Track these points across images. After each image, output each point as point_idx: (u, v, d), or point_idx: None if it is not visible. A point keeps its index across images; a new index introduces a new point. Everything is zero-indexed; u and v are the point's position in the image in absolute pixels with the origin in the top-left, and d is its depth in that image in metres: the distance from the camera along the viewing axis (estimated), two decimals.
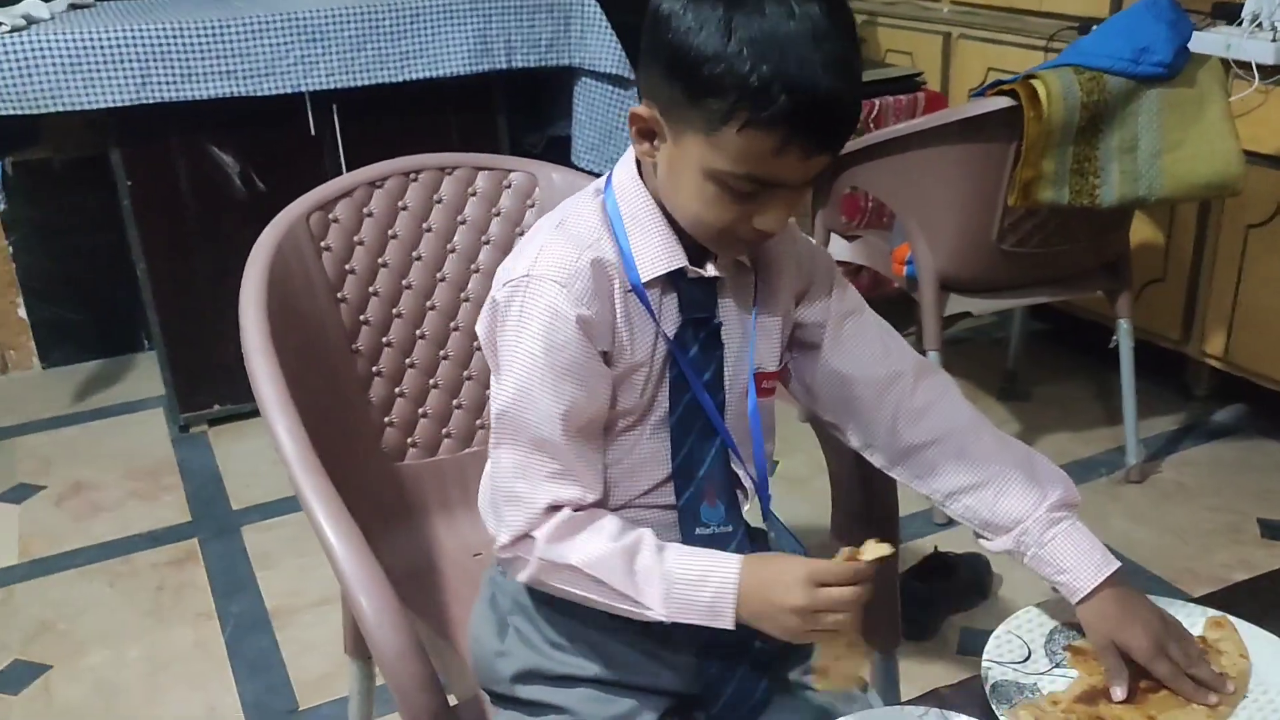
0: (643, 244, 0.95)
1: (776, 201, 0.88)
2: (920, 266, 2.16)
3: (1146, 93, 1.90)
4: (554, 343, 0.91)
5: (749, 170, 0.85)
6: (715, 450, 0.99)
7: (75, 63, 2.29)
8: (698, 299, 0.97)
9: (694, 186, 0.89)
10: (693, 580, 0.90)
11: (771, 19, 0.81)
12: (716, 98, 0.83)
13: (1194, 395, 2.70)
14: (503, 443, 0.95)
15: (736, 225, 0.90)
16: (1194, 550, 2.16)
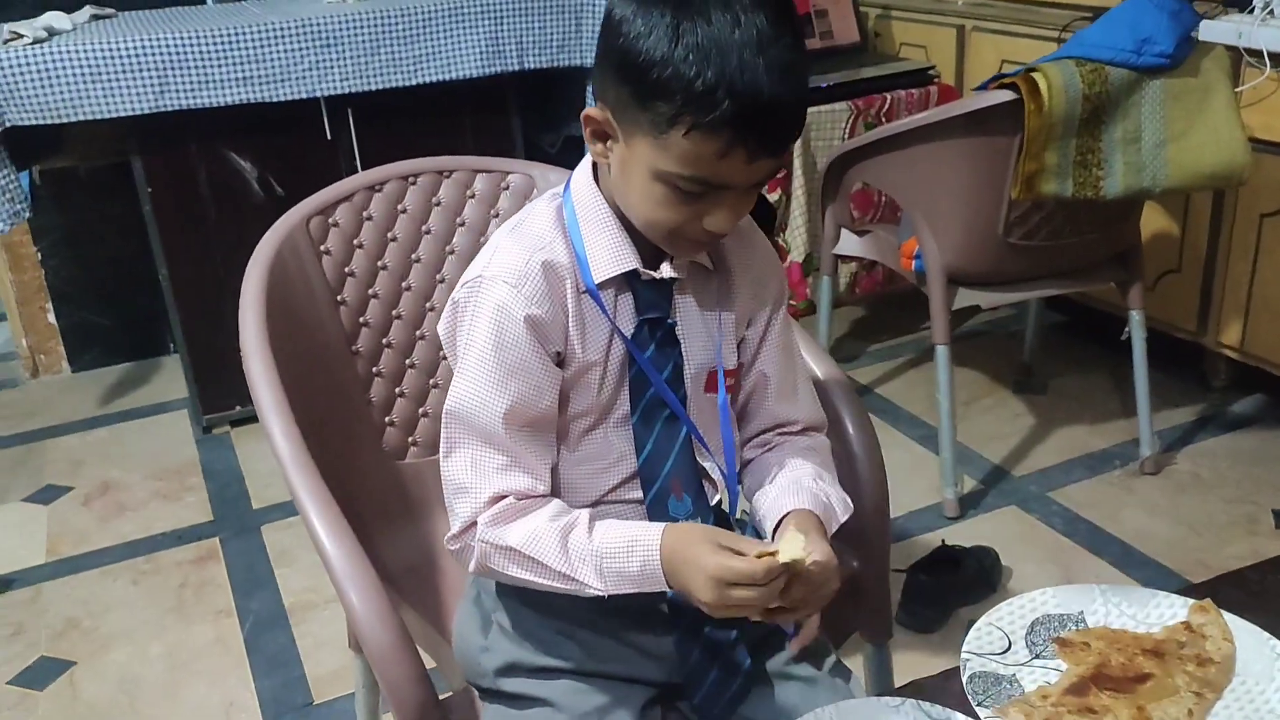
0: (596, 246, 0.97)
1: (724, 203, 0.91)
2: (928, 260, 2.16)
3: (1149, 83, 1.89)
4: (503, 341, 0.94)
5: (695, 173, 0.88)
6: (680, 444, 1.01)
7: (96, 73, 2.34)
8: (651, 299, 0.99)
9: (644, 187, 0.91)
10: (619, 551, 0.92)
11: (717, 26, 0.83)
12: (663, 101, 0.85)
13: (1212, 386, 2.68)
14: (454, 439, 0.98)
15: (686, 226, 0.92)
16: (1207, 542, 2.14)
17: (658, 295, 0.99)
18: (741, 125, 0.84)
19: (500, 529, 0.95)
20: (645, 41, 0.85)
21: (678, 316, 1.01)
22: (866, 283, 2.98)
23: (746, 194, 0.92)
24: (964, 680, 0.98)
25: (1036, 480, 2.39)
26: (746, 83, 0.83)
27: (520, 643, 1.04)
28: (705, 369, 1.03)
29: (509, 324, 0.94)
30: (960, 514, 2.26)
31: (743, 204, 0.92)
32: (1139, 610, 1.07)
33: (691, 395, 1.03)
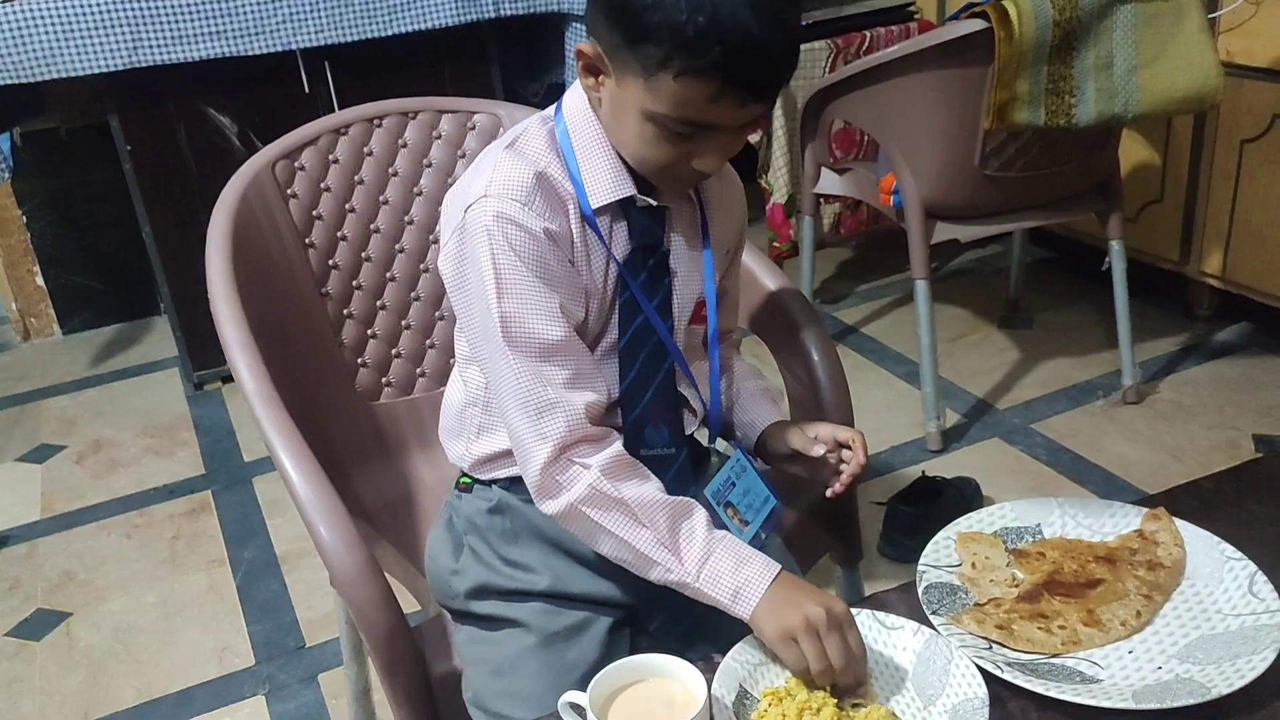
0: (592, 172, 0.98)
1: (714, 144, 0.92)
2: (905, 195, 2.16)
3: (1120, 8, 1.88)
4: (529, 255, 0.94)
5: (684, 115, 0.88)
6: (664, 374, 1.02)
7: (68, 29, 2.33)
8: (647, 227, 1.00)
9: (634, 126, 0.92)
10: (733, 559, 0.93)
11: None
12: (653, 45, 0.85)
13: (1196, 315, 2.69)
14: (504, 366, 0.94)
15: (676, 165, 0.93)
16: (1189, 468, 2.16)
17: (652, 223, 1.00)
18: (732, 70, 0.85)
19: (616, 481, 0.94)
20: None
21: (669, 246, 1.03)
22: (851, 223, 2.98)
23: (736, 135, 0.93)
24: (919, 591, 1.00)
25: (1020, 413, 2.41)
26: (737, 27, 0.83)
27: (490, 566, 1.06)
28: (692, 300, 1.05)
29: (530, 240, 0.93)
30: (944, 447, 2.28)
31: (733, 145, 0.94)
32: (1095, 520, 1.09)
33: (686, 326, 1.05)
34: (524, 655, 1.02)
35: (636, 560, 0.95)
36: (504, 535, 1.07)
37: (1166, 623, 0.96)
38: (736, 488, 1.10)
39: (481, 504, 1.08)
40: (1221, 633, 0.93)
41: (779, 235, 2.84)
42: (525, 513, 1.05)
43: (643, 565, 0.95)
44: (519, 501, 1.06)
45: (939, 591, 1.00)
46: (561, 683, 0.98)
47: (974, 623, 0.96)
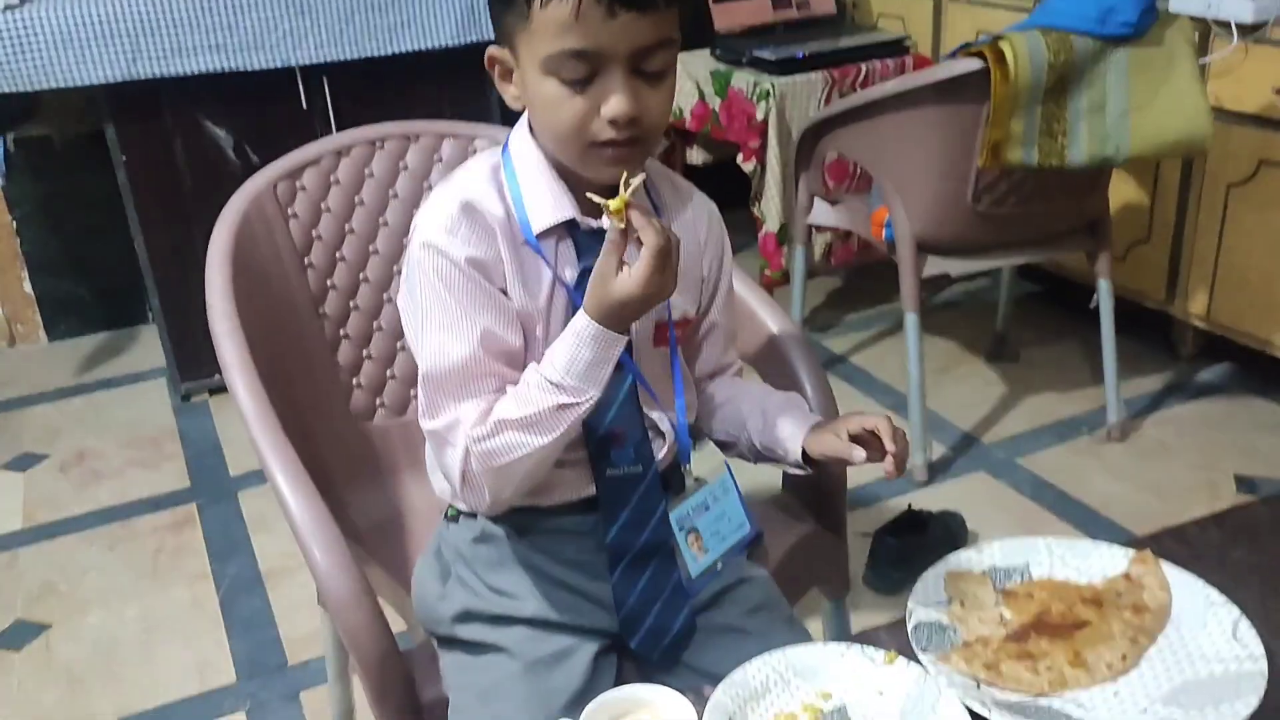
0: (534, 196, 0.99)
1: (613, 84, 0.91)
2: (898, 229, 2.18)
3: (1114, 53, 1.91)
4: (451, 285, 0.96)
5: (564, 45, 0.89)
6: (625, 393, 1.02)
7: (68, 39, 2.34)
8: (591, 248, 0.99)
9: (539, 92, 0.93)
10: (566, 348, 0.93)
11: None
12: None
13: (1180, 355, 2.71)
14: (434, 400, 0.97)
15: (589, 122, 0.92)
16: (1171, 507, 2.18)
17: (597, 244, 0.99)
18: None
19: (484, 422, 0.95)
20: None
21: None
22: (842, 253, 3.00)
23: (637, 75, 0.91)
24: (909, 629, 1.01)
25: (1006, 447, 2.42)
26: None
27: (476, 592, 1.07)
28: (652, 320, 1.05)
29: (452, 269, 0.96)
30: (930, 479, 2.29)
31: (637, 87, 0.91)
32: (1082, 562, 1.10)
33: (640, 347, 1.04)
34: (509, 681, 1.03)
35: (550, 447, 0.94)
36: (489, 563, 1.07)
37: (1152, 666, 0.97)
38: (710, 512, 1.10)
39: (467, 533, 1.08)
40: (1205, 678, 0.94)
41: (770, 263, 2.86)
42: (510, 542, 1.06)
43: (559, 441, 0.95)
44: (503, 531, 1.06)
45: (928, 629, 1.01)
46: (547, 709, 0.98)
47: (962, 661, 0.97)
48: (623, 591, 1.05)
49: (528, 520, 1.05)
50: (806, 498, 1.35)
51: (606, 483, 1.03)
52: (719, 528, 1.10)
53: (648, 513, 1.04)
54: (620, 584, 1.05)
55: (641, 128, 0.93)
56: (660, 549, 1.05)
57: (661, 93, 0.94)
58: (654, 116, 0.94)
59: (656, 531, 1.05)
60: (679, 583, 1.06)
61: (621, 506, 1.04)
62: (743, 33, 2.99)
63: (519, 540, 1.06)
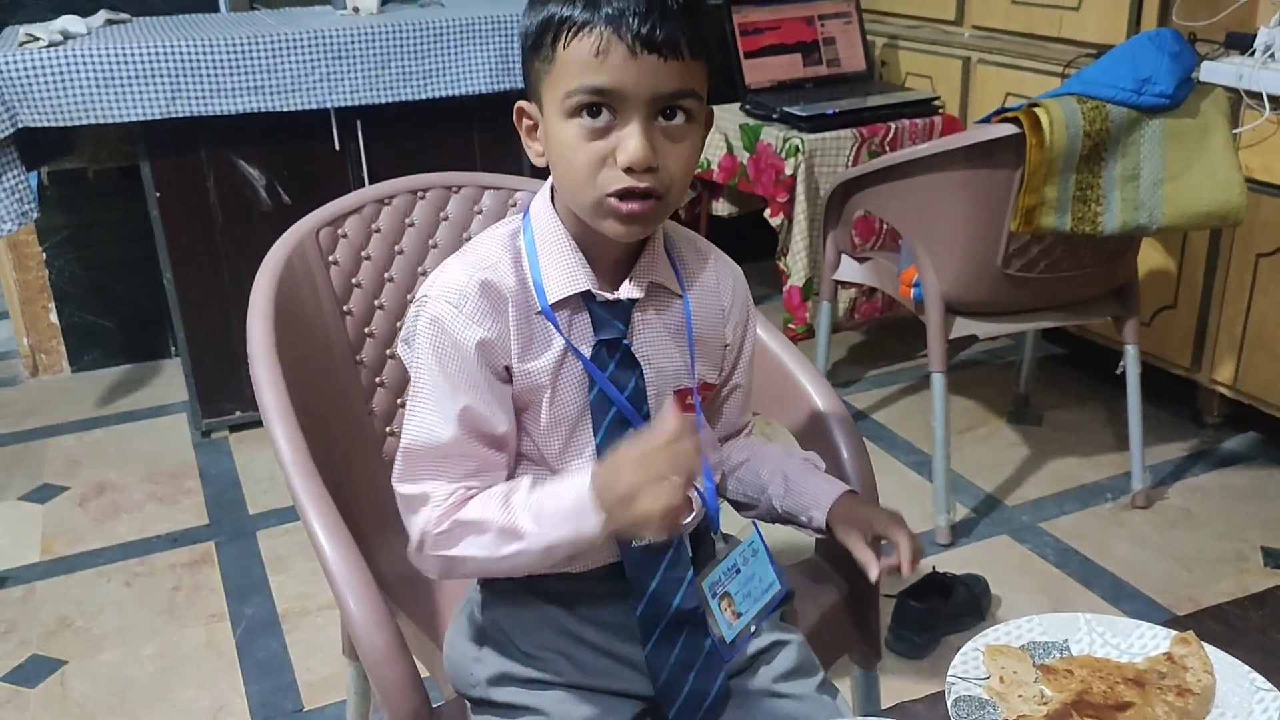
0: (550, 267, 0.98)
1: (630, 128, 0.90)
2: (926, 289, 2.19)
3: (1149, 122, 1.92)
4: (445, 361, 0.96)
5: (585, 81, 0.89)
6: None
7: (109, 77, 2.37)
8: (606, 320, 1.00)
9: (560, 138, 0.92)
10: (555, 493, 0.93)
11: None
12: (548, 33, 0.90)
13: (1205, 423, 2.70)
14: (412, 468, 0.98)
15: (603, 170, 0.91)
16: (1197, 578, 2.16)
17: (613, 316, 1.00)
18: (611, 17, 0.88)
19: (451, 515, 0.96)
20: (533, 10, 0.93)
21: (636, 337, 1.02)
22: (866, 309, 3.01)
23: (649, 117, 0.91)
24: (949, 704, 0.99)
25: (1029, 510, 2.40)
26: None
27: (511, 655, 1.06)
28: (673, 388, 1.04)
29: (451, 345, 0.96)
30: (952, 541, 2.28)
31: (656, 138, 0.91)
32: (1122, 640, 1.09)
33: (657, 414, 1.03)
34: None
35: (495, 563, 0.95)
36: (524, 628, 1.06)
37: None
38: (740, 574, 1.09)
39: (501, 599, 1.08)
40: None
41: (795, 317, 2.86)
42: (543, 607, 1.06)
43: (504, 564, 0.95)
44: (536, 597, 1.06)
45: (968, 705, 1.00)
46: None
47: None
48: (657, 661, 1.03)
49: (560, 586, 1.05)
50: (839, 563, 1.34)
51: (631, 553, 1.02)
52: (750, 589, 1.10)
53: (676, 581, 1.04)
54: (654, 654, 1.03)
55: (658, 181, 0.91)
56: (691, 616, 1.04)
57: (682, 150, 0.93)
58: (672, 172, 0.92)
59: (686, 599, 1.04)
60: (713, 648, 1.05)
61: (649, 577, 1.03)
62: (773, 87, 3.02)
63: (552, 605, 1.05)
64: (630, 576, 1.03)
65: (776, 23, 3.06)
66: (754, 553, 1.12)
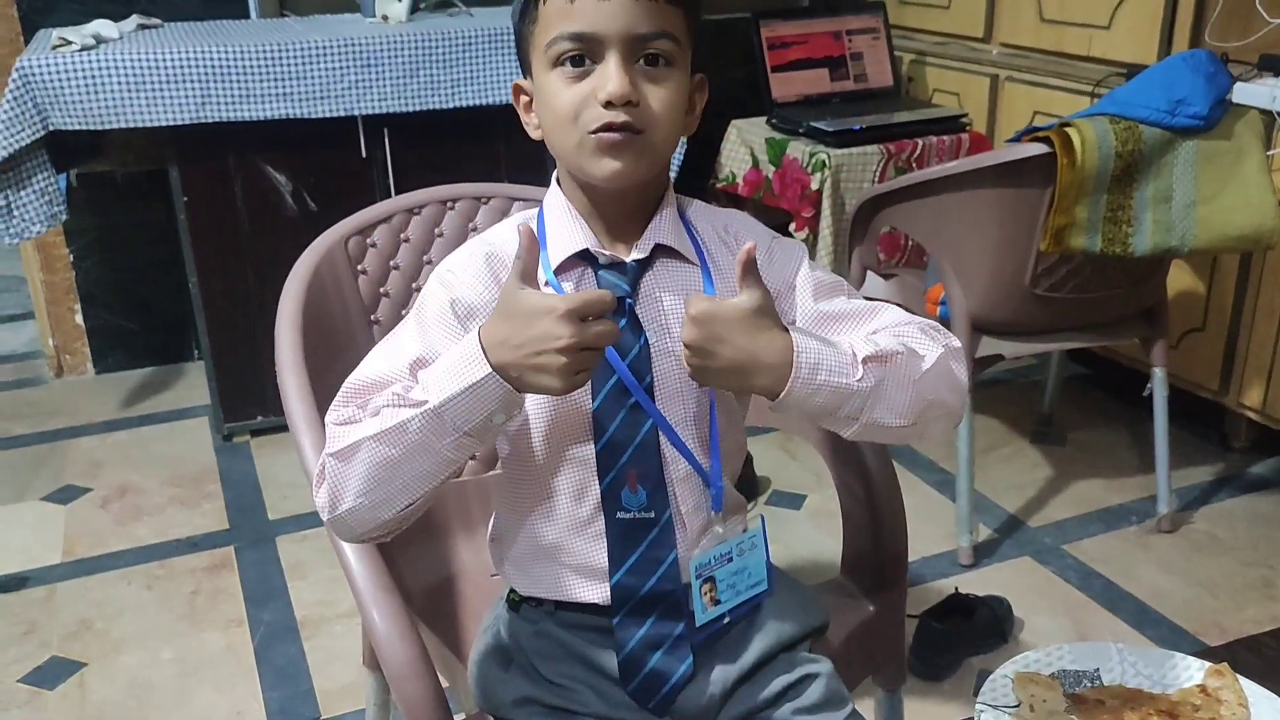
0: (553, 235, 1.02)
1: (607, 67, 0.93)
2: (953, 308, 2.17)
3: (1182, 144, 1.90)
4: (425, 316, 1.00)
5: (562, 27, 0.92)
6: (643, 434, 0.99)
7: (140, 82, 2.38)
8: (610, 281, 1.00)
9: (546, 90, 0.95)
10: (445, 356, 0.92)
11: None
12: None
13: (1232, 447, 2.67)
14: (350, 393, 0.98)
15: (585, 110, 0.94)
16: (1223, 604, 2.13)
17: (617, 277, 1.00)
18: None
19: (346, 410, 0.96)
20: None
21: (643, 301, 1.01)
22: None
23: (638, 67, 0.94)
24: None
25: (1052, 532, 2.38)
26: None
27: (536, 681, 1.05)
28: None
29: (433, 302, 0.99)
30: (974, 562, 2.26)
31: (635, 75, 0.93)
32: (1155, 671, 1.08)
33: (682, 385, 1.01)
34: None
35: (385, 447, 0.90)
36: (548, 656, 1.06)
37: None
38: (733, 564, 1.07)
39: (527, 625, 1.07)
40: None
41: None
42: (570, 640, 1.05)
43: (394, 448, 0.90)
44: (561, 628, 1.05)
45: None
46: None
47: None
48: (624, 635, 1.02)
49: (585, 618, 1.04)
50: (866, 583, 1.33)
51: (615, 525, 1.01)
52: (736, 581, 1.07)
53: (656, 561, 1.02)
54: (621, 627, 1.02)
55: (639, 117, 0.94)
56: (666, 598, 1.02)
57: (664, 88, 0.95)
58: (655, 108, 0.95)
59: (664, 580, 1.02)
60: (683, 633, 1.03)
61: (630, 550, 1.01)
62: (799, 102, 3.01)
63: (576, 635, 1.04)
64: (610, 545, 1.01)
65: (804, 37, 3.05)
66: (752, 546, 1.09)
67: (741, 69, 3.13)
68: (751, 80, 3.02)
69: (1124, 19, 2.63)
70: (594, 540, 1.02)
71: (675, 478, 1.03)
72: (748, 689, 1.06)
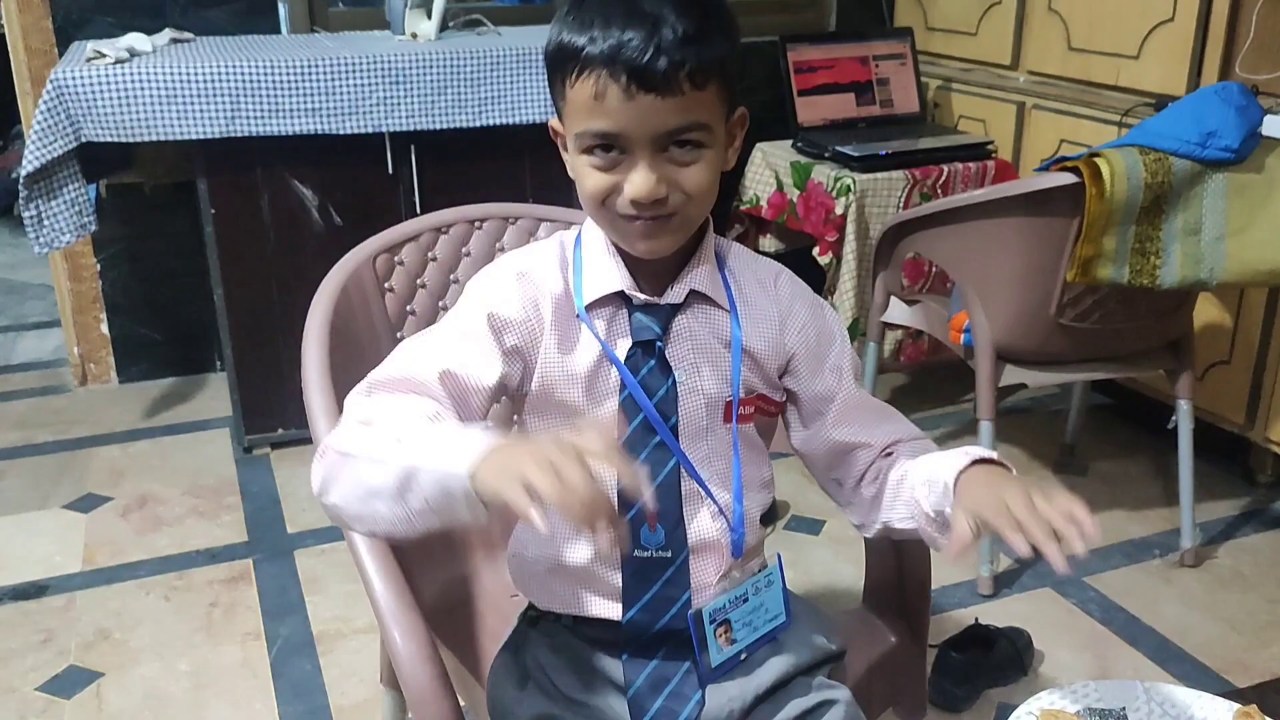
0: (590, 271, 1.02)
1: (636, 165, 0.93)
2: (977, 336, 2.16)
3: (1212, 176, 1.89)
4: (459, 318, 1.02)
5: (590, 124, 0.92)
6: (666, 473, 1.01)
7: (171, 95, 2.40)
8: (643, 323, 1.01)
9: (575, 165, 0.97)
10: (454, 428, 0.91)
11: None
12: (557, 64, 0.93)
13: (1257, 481, 2.64)
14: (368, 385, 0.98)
15: (613, 198, 0.95)
16: (1247, 641, 2.11)
17: (651, 319, 1.01)
18: (605, 58, 0.89)
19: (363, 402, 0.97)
20: (553, 32, 0.95)
21: (673, 344, 1.02)
22: (911, 351, 2.98)
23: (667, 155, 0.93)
24: None
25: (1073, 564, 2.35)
26: (609, 25, 0.89)
27: (552, 698, 1.05)
28: (721, 399, 1.04)
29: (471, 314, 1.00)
30: (994, 592, 2.24)
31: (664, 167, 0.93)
32: (1182, 712, 1.06)
33: (706, 425, 1.03)
34: None
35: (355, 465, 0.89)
36: (566, 670, 1.06)
37: None
38: (747, 604, 1.07)
39: (545, 639, 1.07)
40: None
41: None
42: (588, 655, 1.05)
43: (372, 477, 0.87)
44: (580, 641, 1.05)
45: None
46: None
47: None
48: (631, 674, 1.03)
49: (605, 632, 1.04)
50: (888, 612, 1.32)
51: (633, 562, 1.02)
52: (752, 619, 1.08)
53: (669, 600, 1.03)
54: (629, 666, 1.03)
55: (670, 205, 0.94)
56: (674, 637, 1.03)
57: (696, 170, 0.95)
58: (687, 191, 0.95)
59: (676, 620, 1.03)
60: (688, 670, 1.03)
61: (645, 588, 1.02)
62: (825, 126, 3.02)
63: (595, 649, 1.04)
64: (625, 582, 1.02)
65: (830, 62, 3.06)
66: (769, 583, 1.10)
67: (768, 92, 3.14)
68: (777, 103, 3.02)
69: (1153, 49, 2.62)
70: (614, 568, 1.03)
71: (694, 518, 1.04)
72: (764, 710, 1.05)
